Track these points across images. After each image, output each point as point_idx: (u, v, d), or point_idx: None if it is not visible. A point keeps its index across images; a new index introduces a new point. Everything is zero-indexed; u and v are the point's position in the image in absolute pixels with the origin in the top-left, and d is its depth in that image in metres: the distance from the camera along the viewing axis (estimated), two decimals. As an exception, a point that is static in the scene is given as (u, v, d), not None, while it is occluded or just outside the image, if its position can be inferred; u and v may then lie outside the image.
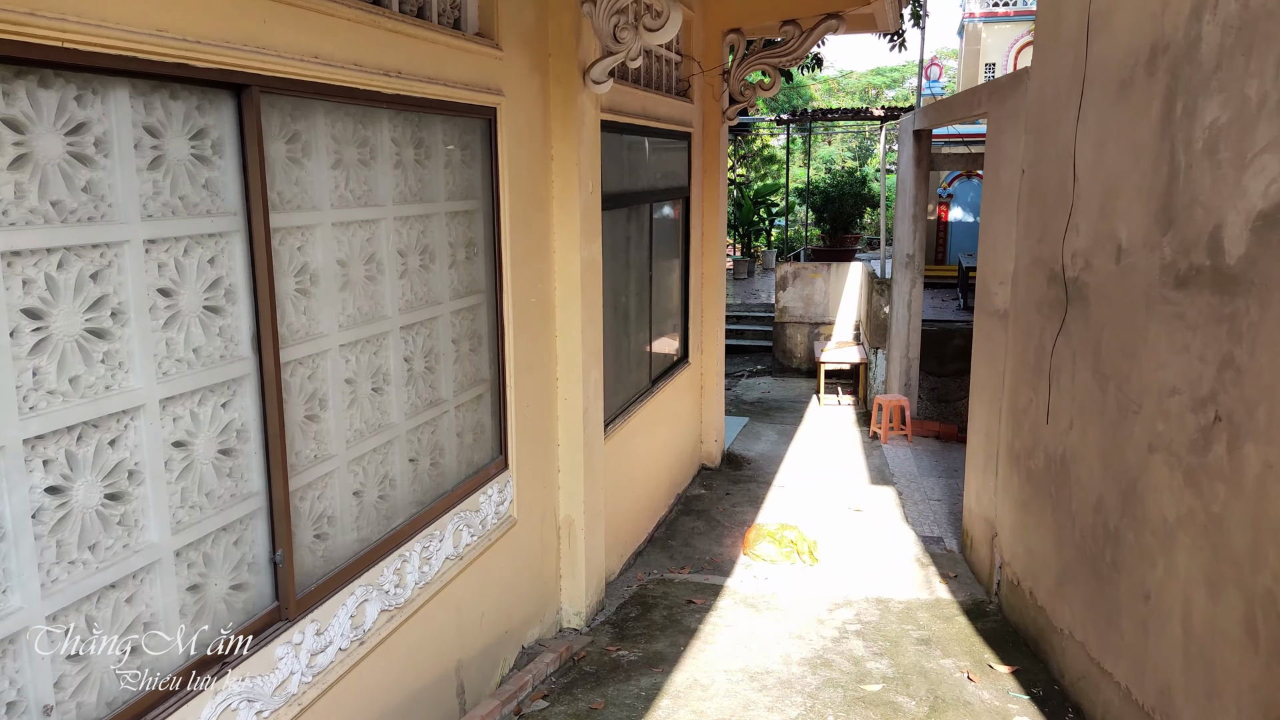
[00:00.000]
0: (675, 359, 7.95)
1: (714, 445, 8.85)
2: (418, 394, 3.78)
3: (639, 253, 6.75)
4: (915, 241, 9.79)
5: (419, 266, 3.76)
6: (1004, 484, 5.62)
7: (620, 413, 6.30)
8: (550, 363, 4.96)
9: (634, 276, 6.69)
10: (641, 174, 6.70)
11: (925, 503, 7.91)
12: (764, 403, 11.95)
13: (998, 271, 5.91)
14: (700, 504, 7.91)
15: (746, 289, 18.04)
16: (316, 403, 3.15)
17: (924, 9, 13.69)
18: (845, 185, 16.29)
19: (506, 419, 4.46)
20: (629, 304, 6.64)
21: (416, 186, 3.71)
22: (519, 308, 4.51)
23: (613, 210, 6.04)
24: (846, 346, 12.30)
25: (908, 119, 9.81)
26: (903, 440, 9.80)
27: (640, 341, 6.88)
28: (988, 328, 6.15)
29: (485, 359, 4.35)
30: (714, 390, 8.78)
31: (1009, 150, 5.73)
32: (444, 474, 4.01)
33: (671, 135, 7.29)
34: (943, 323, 11.71)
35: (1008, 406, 5.61)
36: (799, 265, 13.22)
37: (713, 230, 8.48)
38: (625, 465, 6.37)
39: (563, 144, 4.81)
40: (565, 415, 5.08)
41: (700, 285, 8.49)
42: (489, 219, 4.27)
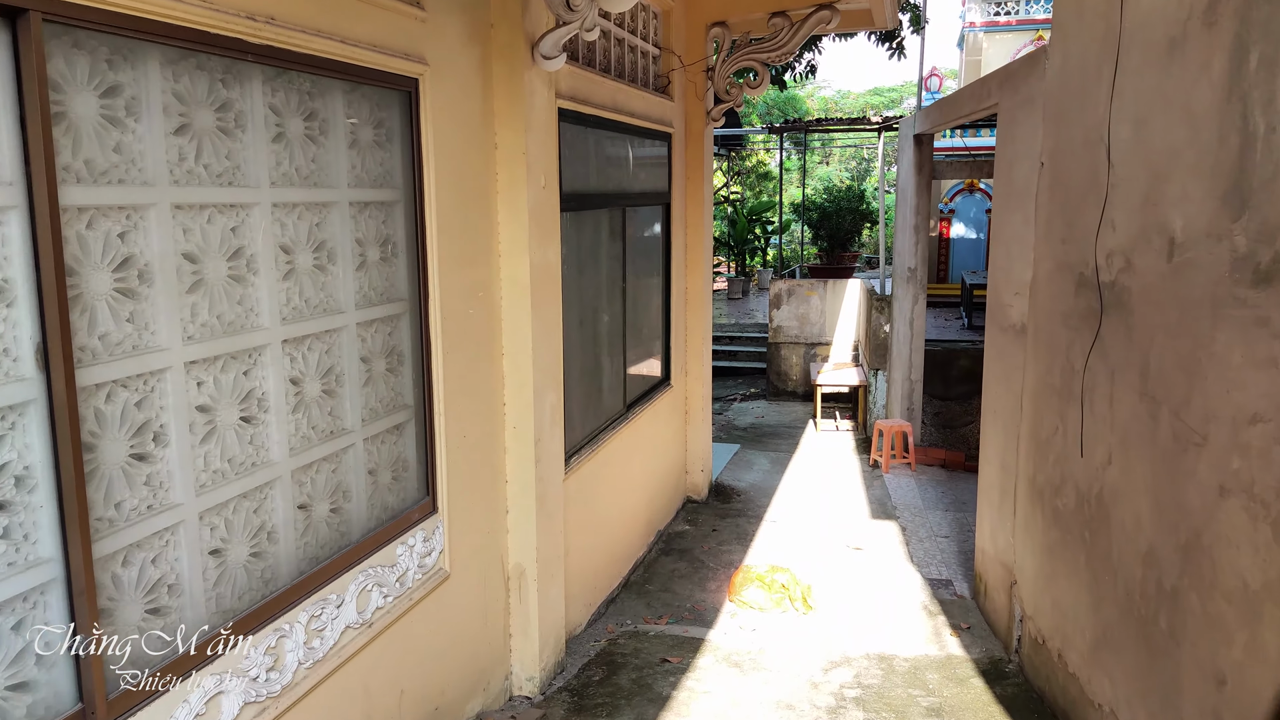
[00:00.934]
0: (655, 382, 7.23)
1: (700, 476, 8.11)
2: (311, 424, 3.06)
3: (611, 263, 6.05)
4: (917, 254, 9.10)
5: (312, 267, 3.05)
6: (1025, 524, 4.88)
7: (588, 442, 5.57)
8: (495, 386, 4.24)
9: (605, 289, 5.99)
10: (613, 175, 6.02)
11: (931, 540, 7.15)
12: (757, 428, 11.22)
13: (1012, 281, 5.21)
14: (683, 542, 7.16)
15: (741, 309, 17.36)
16: (149, 437, 2.43)
17: (924, 15, 13.11)
18: (843, 201, 15.66)
19: (434, 452, 3.73)
20: (599, 319, 5.93)
21: (308, 168, 3.01)
22: (452, 320, 3.80)
23: (578, 212, 5.35)
24: (844, 368, 11.59)
25: (907, 122, 9.16)
26: (905, 469, 9.06)
27: (613, 362, 6.17)
28: (1001, 345, 5.43)
29: (407, 381, 3.63)
30: (700, 415, 8.05)
31: (1024, 143, 5.04)
32: (349, 522, 3.27)
33: (649, 135, 6.61)
34: (947, 343, 11.00)
35: (1027, 434, 4.88)
36: (793, 283, 12.53)
37: (697, 242, 7.79)
38: (594, 501, 5.63)
39: (509, 130, 4.12)
40: (515, 446, 4.36)
41: (684, 302, 7.79)
42: (411, 213, 3.57)
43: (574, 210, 5.24)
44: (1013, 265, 5.20)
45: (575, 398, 5.41)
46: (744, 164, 23.08)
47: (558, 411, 4.65)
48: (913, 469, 9.01)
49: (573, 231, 5.37)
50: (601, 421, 5.89)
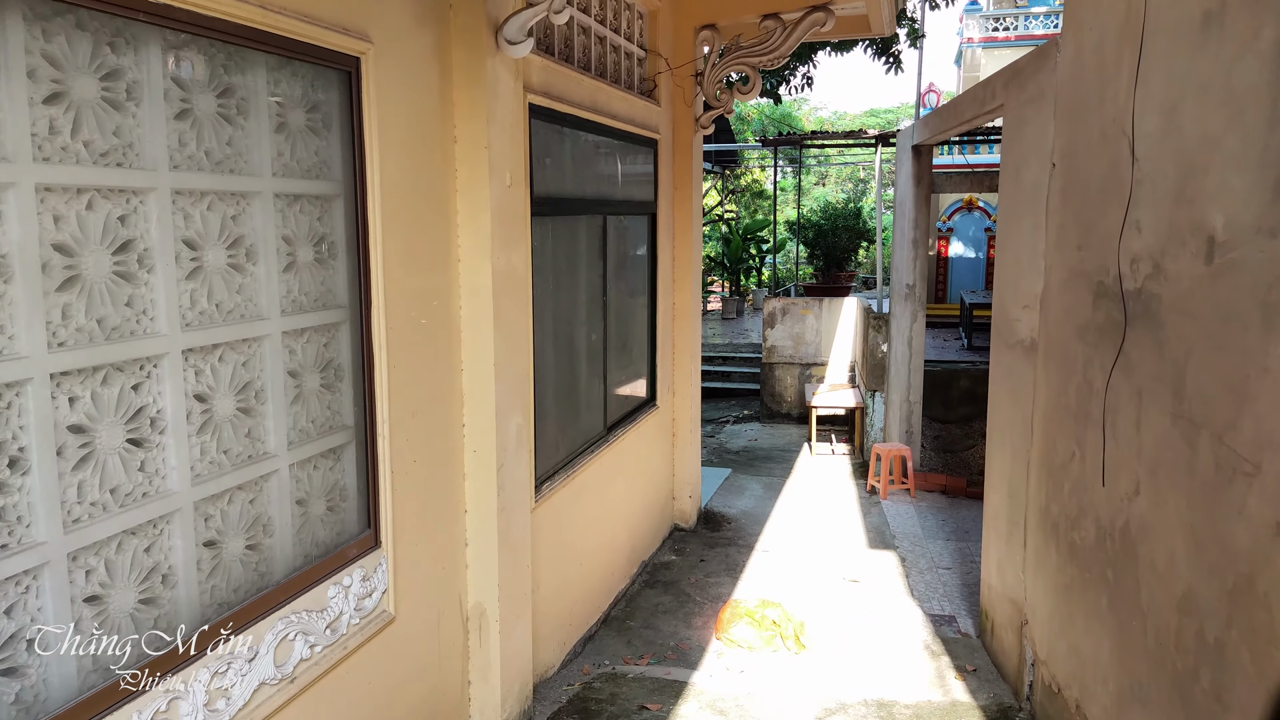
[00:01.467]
0: (640, 402, 6.82)
1: (688, 502, 7.68)
2: (222, 447, 2.65)
3: (591, 274, 5.66)
4: (916, 270, 8.73)
5: (226, 265, 2.65)
6: (1036, 558, 4.46)
7: (563, 466, 5.16)
8: (452, 405, 3.83)
9: (585, 302, 5.60)
10: (593, 180, 5.64)
11: (933, 571, 6.72)
12: (749, 452, 10.80)
13: (1020, 293, 4.82)
14: (669, 573, 6.72)
15: (735, 329, 16.99)
16: (3, 462, 2.01)
17: (921, 29, 12.83)
18: (839, 218, 15.34)
19: (378, 479, 3.31)
20: (577, 334, 5.53)
21: (221, 151, 2.61)
22: (400, 330, 3.39)
23: (553, 218, 4.96)
24: (840, 389, 11.19)
25: (906, 133, 8.82)
26: (905, 495, 8.64)
27: (592, 381, 5.76)
28: (1009, 363, 5.04)
29: (346, 398, 3.22)
30: (689, 438, 7.63)
31: (1033, 143, 4.67)
32: (269, 560, 2.85)
33: (633, 140, 6.24)
34: (946, 363, 10.61)
35: (1039, 460, 4.47)
36: (788, 301, 12.15)
37: (686, 255, 7.41)
38: (570, 530, 5.21)
39: (470, 121, 3.73)
40: (475, 472, 3.94)
41: (671, 318, 7.39)
42: (352, 209, 3.18)
43: (548, 215, 4.86)
44: (1021, 276, 4.82)
45: (548, 418, 5.01)
46: (738, 182, 22.79)
47: (525, 434, 4.24)
48: (912, 495, 8.59)
49: (547, 239, 4.98)
50: (579, 445, 5.47)
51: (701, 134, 7.42)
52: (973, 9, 16.24)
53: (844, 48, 14.09)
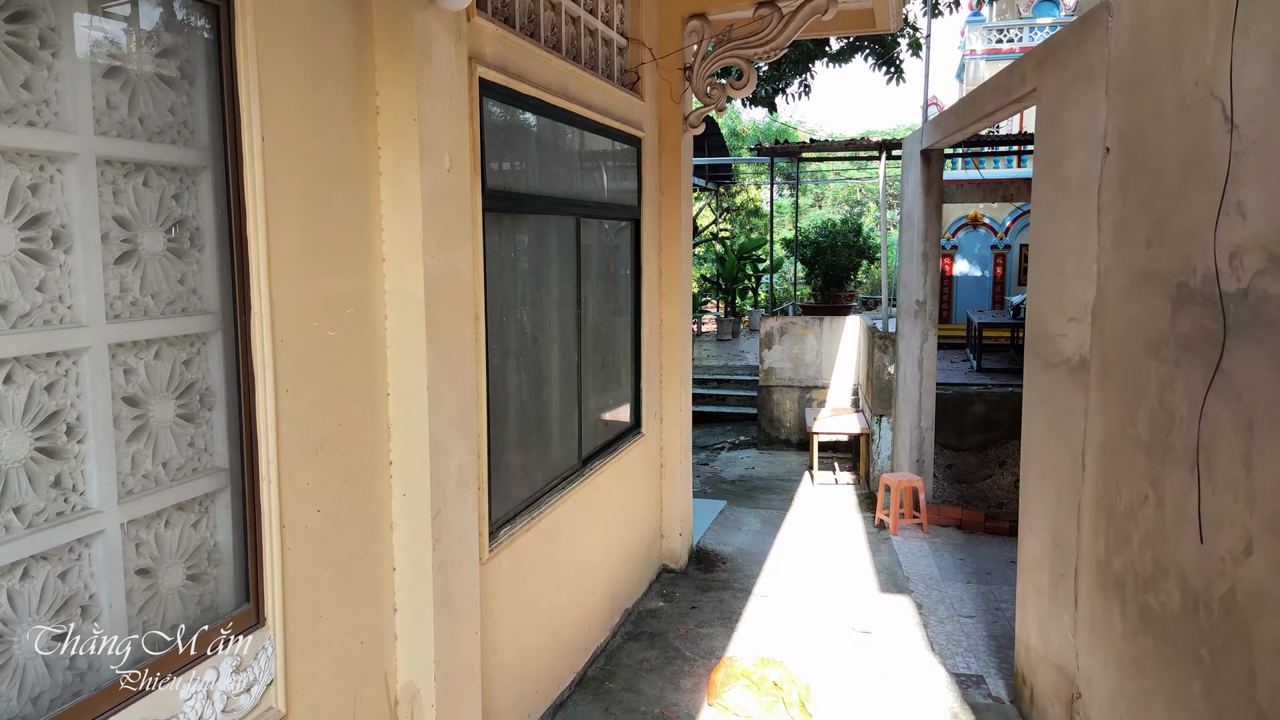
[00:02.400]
0: (622, 430, 6.06)
1: (678, 540, 6.91)
2: (11, 503, 1.89)
3: (563, 284, 4.93)
4: (926, 285, 8.01)
5: (16, 252, 1.91)
6: (1093, 621, 3.70)
7: (527, 507, 4.40)
8: (375, 437, 3.08)
9: (555, 316, 4.86)
10: (564, 177, 4.93)
11: (954, 620, 5.95)
12: (747, 481, 10.03)
13: (1065, 305, 4.10)
14: (656, 622, 5.94)
15: (731, 350, 16.26)
16: None
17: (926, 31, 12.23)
18: (838, 235, 14.65)
19: (260, 537, 2.55)
20: (546, 354, 4.79)
21: (13, 97, 1.88)
22: (296, 346, 2.65)
23: (513, 216, 4.24)
24: (843, 414, 10.44)
25: (913, 138, 8.13)
26: (917, 530, 7.86)
27: (565, 407, 5.02)
28: (1049, 385, 4.30)
29: (217, 432, 2.47)
30: (678, 468, 6.87)
31: (1078, 128, 3.97)
32: (94, 655, 2.09)
33: (612, 135, 5.54)
34: (957, 386, 9.87)
35: (1094, 503, 3.72)
36: (786, 320, 11.43)
37: (673, 267, 6.68)
38: (537, 582, 4.44)
39: (395, 87, 3.01)
40: (405, 521, 3.18)
41: (657, 335, 6.66)
42: (224, 186, 2.44)
43: (507, 212, 4.14)
44: (1065, 285, 4.09)
45: (509, 452, 4.26)
46: (733, 200, 22.15)
47: (470, 473, 3.48)
48: (925, 530, 7.82)
49: (508, 240, 4.26)
50: (547, 481, 4.72)
51: (691, 134, 6.73)
52: (975, 20, 15.67)
53: (842, 58, 13.49)
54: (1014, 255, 14.82)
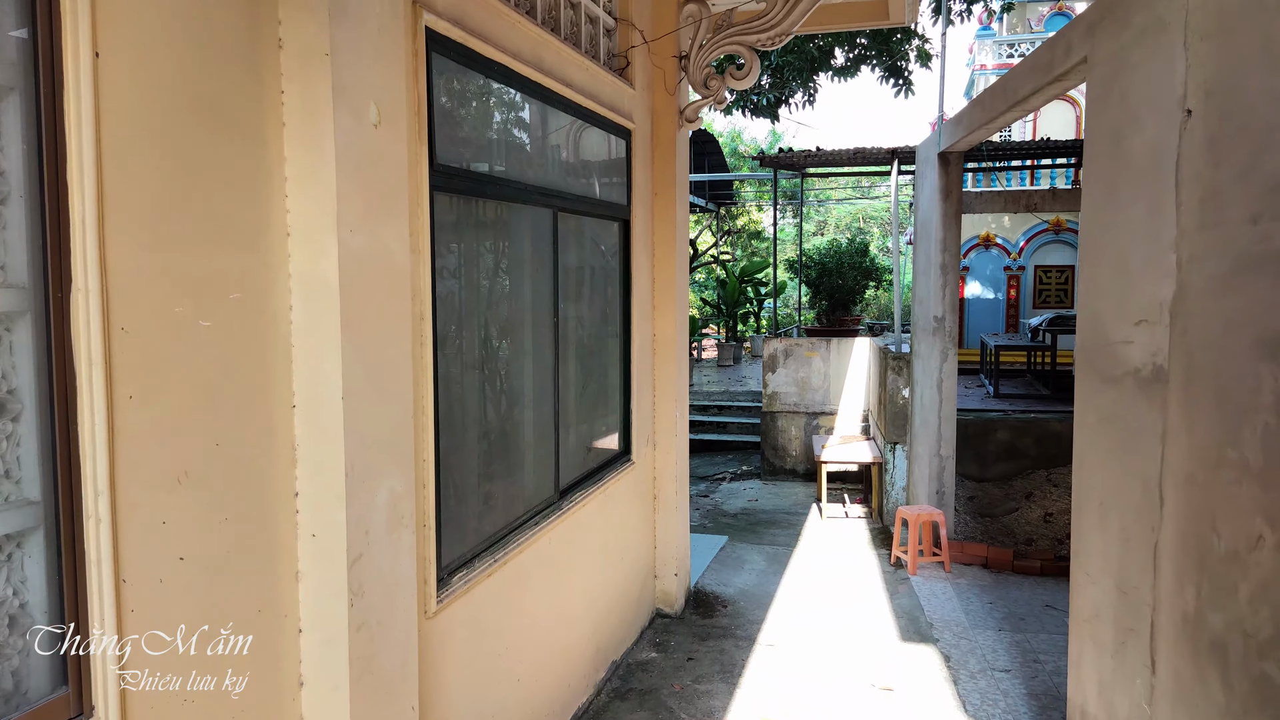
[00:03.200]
0: (610, 457, 5.38)
1: (673, 581, 6.19)
2: None
3: (536, 286, 4.28)
4: (945, 300, 7.35)
5: None
6: (1177, 688, 2.99)
7: (490, 546, 3.71)
8: (272, 461, 2.40)
9: (527, 323, 4.20)
10: (538, 163, 4.29)
11: (987, 675, 5.22)
12: (750, 515, 9.30)
13: (1130, 305, 3.43)
14: (647, 677, 5.21)
15: (733, 376, 15.59)
16: None
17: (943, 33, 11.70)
18: (844, 256, 14.02)
19: (84, 594, 1.87)
20: (515, 366, 4.12)
21: None
22: (147, 337, 1.98)
23: (472, 200, 3.59)
24: (854, 442, 9.74)
25: (930, 139, 7.51)
26: (938, 569, 7.14)
27: (540, 430, 4.34)
28: (1110, 403, 3.62)
29: (25, 452, 1.79)
30: (673, 501, 6.17)
31: (1145, 93, 3.32)
32: None
33: (597, 122, 4.91)
34: (976, 411, 9.18)
35: (1179, 544, 3.03)
36: (791, 341, 10.76)
37: (668, 275, 6.03)
38: (501, 636, 3.74)
39: (301, 10, 2.37)
40: (315, 570, 2.49)
41: (649, 352, 5.99)
42: (35, 115, 1.79)
43: (464, 194, 3.49)
44: (1130, 282, 3.43)
45: (468, 482, 3.57)
46: (734, 222, 21.59)
47: (407, 506, 2.80)
48: (947, 570, 7.09)
49: (467, 228, 3.61)
50: (517, 516, 4.03)
51: (688, 129, 6.10)
52: (985, 35, 15.17)
53: (848, 72, 12.96)
54: (1028, 277, 14.19)
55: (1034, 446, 8.37)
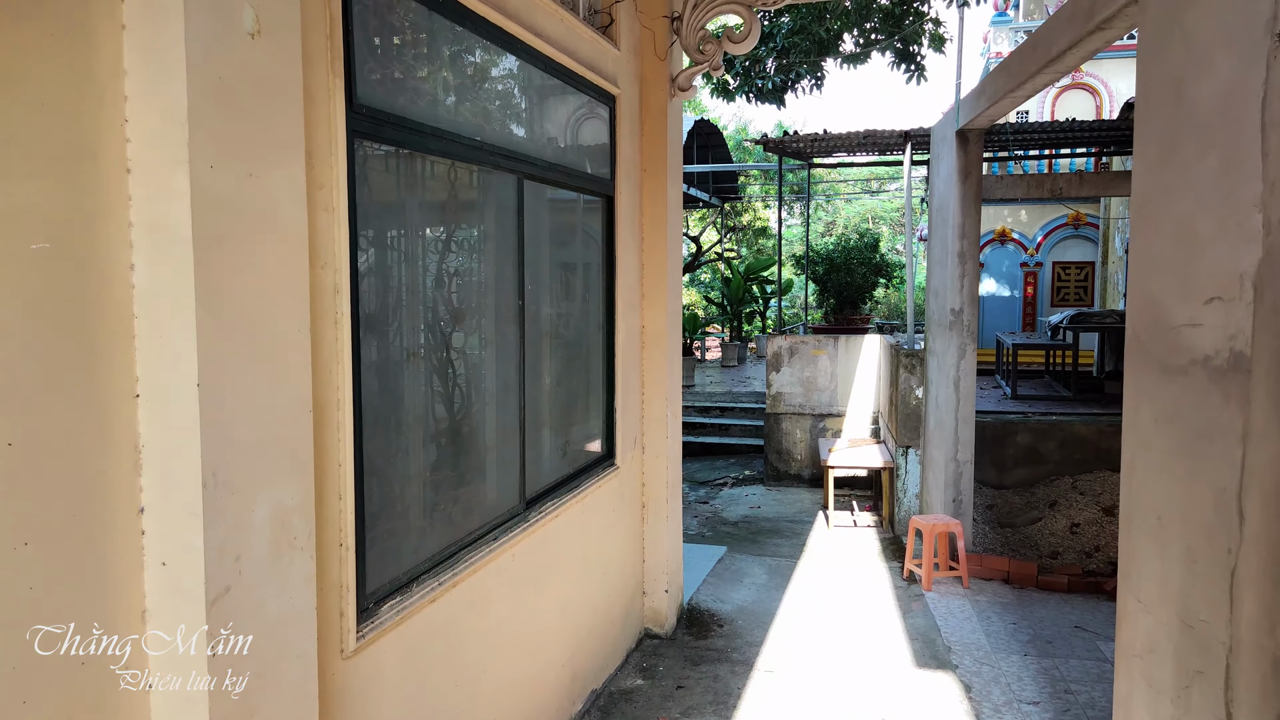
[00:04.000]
0: (589, 461, 4.81)
1: (664, 598, 5.61)
2: None
3: (498, 264, 3.72)
4: (963, 291, 6.76)
5: None
6: (1271, 756, 2.41)
7: (434, 567, 3.15)
8: (106, 467, 1.84)
9: (484, 306, 3.64)
10: (500, 119, 3.73)
11: (1013, 709, 4.63)
12: (751, 523, 8.72)
13: (1197, 279, 2.85)
14: (631, 708, 4.64)
15: (736, 377, 15.01)
16: None
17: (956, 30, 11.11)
18: (853, 251, 13.46)
19: None
20: (466, 356, 3.56)
21: None
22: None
23: (408, 154, 3.03)
24: (863, 445, 9.15)
25: (947, 116, 6.93)
26: (955, 585, 6.54)
27: (500, 429, 3.77)
28: (1172, 397, 3.03)
29: None
30: (663, 509, 5.60)
31: (1212, 28, 2.74)
32: None
33: (574, 82, 4.36)
34: (993, 413, 8.58)
35: (1265, 569, 2.45)
36: (796, 339, 10.18)
37: (658, 260, 5.47)
38: (451, 669, 3.18)
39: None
40: (164, 608, 1.93)
41: (637, 345, 5.43)
42: None
43: (398, 145, 2.93)
44: (1198, 252, 2.85)
45: (399, 492, 3.01)
46: (739, 219, 21.01)
47: (301, 524, 2.23)
48: (965, 585, 6.50)
49: (403, 186, 3.05)
50: (470, 530, 3.46)
51: (680, 99, 5.54)
52: (1001, 20, 14.56)
53: (857, 60, 12.39)
54: (1046, 273, 13.58)
55: (1057, 451, 7.78)
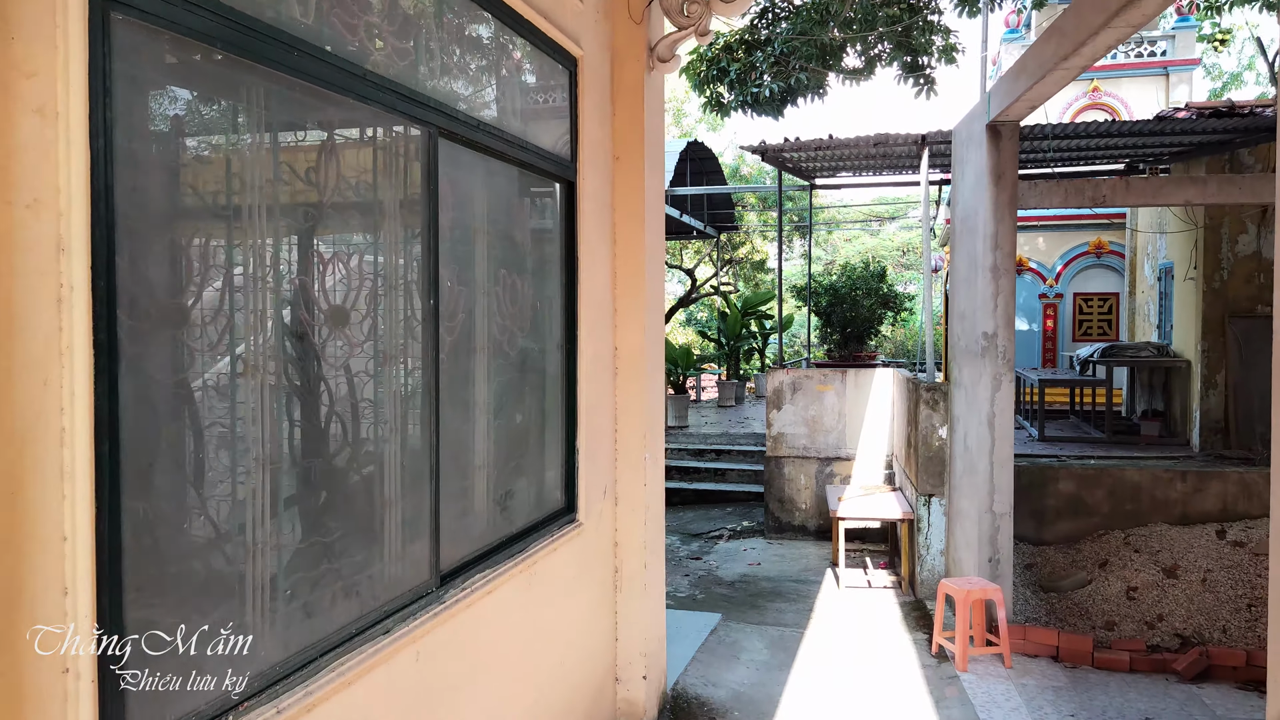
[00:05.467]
0: (540, 518, 3.75)
1: (641, 686, 4.51)
2: None
3: (394, 247, 2.70)
4: (997, 313, 5.75)
5: None
6: None
7: (267, 688, 2.07)
8: None
9: (375, 302, 2.61)
10: (400, 49, 2.72)
11: (1095, 845, 3.51)
12: (750, 584, 7.61)
13: None
14: (592, 845, 3.52)
15: (734, 417, 13.95)
16: None
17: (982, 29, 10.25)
18: (859, 282, 12.49)
19: None
20: (333, 368, 2.52)
21: None
22: None
23: (251, 68, 2.02)
24: (877, 493, 8.07)
25: (974, 112, 5.99)
26: (996, 664, 5.44)
27: (403, 476, 2.73)
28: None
29: None
30: (639, 576, 4.53)
31: None
32: None
33: (514, 24, 3.38)
34: (1026, 457, 7.52)
35: None
36: (800, 373, 9.14)
37: (633, 265, 4.46)
38: None
39: None
40: None
41: (608, 371, 4.40)
42: None
43: (212, 44, 1.93)
44: None
45: (194, 566, 1.96)
46: (735, 252, 20.08)
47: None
48: (1007, 665, 5.39)
49: (247, 118, 2.05)
50: (343, 624, 2.40)
51: (661, 72, 4.58)
52: (1013, 38, 13.79)
53: (860, 75, 11.55)
54: (1067, 305, 12.60)
55: (1106, 501, 6.72)
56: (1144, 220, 10.95)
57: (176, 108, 1.92)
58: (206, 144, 2.03)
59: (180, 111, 1.93)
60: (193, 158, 1.99)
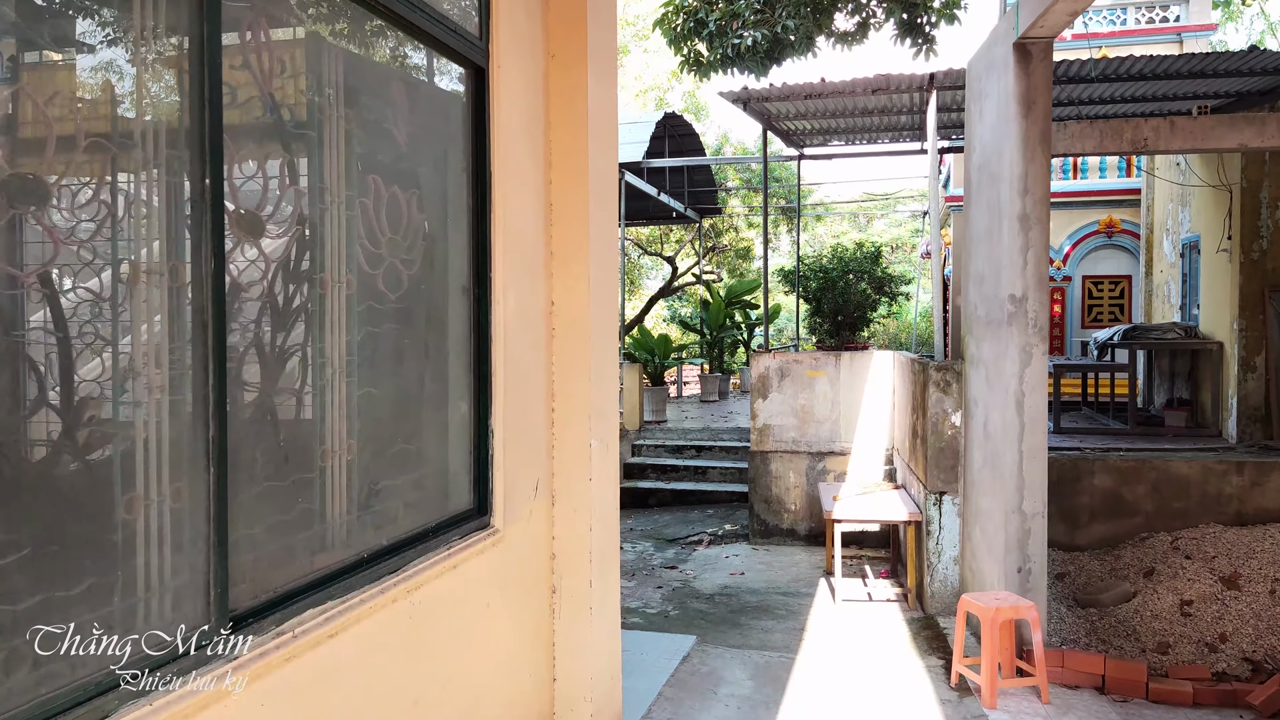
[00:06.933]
0: (428, 525, 2.73)
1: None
2: None
3: (142, 117, 1.67)
4: (1027, 271, 4.78)
5: None
6: None
7: None
8: None
9: (112, 209, 1.58)
10: None
11: None
12: (732, 597, 6.59)
13: None
14: None
15: (716, 412, 12.95)
16: None
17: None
18: (852, 263, 11.54)
19: None
20: (39, 307, 1.49)
21: None
22: None
23: None
24: (877, 491, 7.07)
25: (994, 36, 5.02)
26: (1032, 698, 4.44)
27: (164, 467, 1.70)
28: None
29: None
30: (584, 595, 3.51)
31: None
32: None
33: None
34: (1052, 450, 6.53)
35: None
36: (788, 357, 8.14)
37: (577, 200, 3.45)
38: None
39: None
40: None
41: (540, 333, 3.38)
42: None
43: None
44: None
45: None
46: (719, 239, 19.07)
47: None
48: (1044, 699, 4.39)
49: None
50: (34, 698, 1.37)
51: (608, -53, 3.56)
52: (1013, 3, 12.89)
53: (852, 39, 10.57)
54: (1075, 289, 11.67)
55: (1149, 498, 5.75)
56: (1160, 194, 10.03)
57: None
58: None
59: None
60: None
